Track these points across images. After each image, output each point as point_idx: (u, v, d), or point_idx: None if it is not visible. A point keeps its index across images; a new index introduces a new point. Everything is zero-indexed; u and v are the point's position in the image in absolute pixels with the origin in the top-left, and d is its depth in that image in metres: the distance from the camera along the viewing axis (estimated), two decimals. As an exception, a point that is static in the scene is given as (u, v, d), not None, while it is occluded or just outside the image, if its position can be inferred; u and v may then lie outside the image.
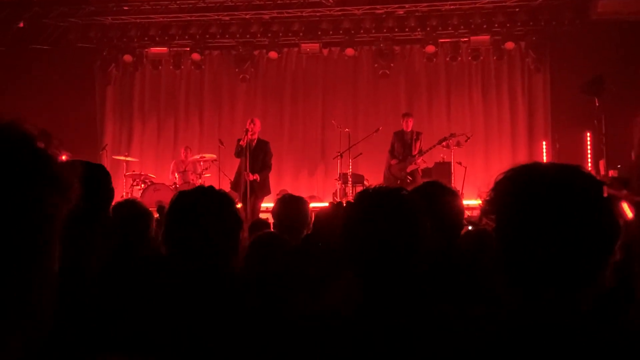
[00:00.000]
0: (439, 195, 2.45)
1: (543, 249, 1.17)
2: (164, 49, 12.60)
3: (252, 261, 3.07)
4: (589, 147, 10.81)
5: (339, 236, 1.78)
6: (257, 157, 9.25)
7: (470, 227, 3.23)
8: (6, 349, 0.68)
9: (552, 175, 1.24)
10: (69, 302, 1.40)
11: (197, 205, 2.00)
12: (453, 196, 2.56)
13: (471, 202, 8.93)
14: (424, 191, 2.36)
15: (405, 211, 1.74)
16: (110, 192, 1.84)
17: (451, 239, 2.39)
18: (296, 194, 4.33)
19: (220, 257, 1.96)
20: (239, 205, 2.15)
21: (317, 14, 11.89)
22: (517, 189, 1.25)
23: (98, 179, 1.81)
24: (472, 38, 11.82)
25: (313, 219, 3.82)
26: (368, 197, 1.79)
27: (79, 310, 1.48)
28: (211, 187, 2.11)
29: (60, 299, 0.78)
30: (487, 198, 1.29)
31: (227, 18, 12.13)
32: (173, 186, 10.32)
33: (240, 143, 9.25)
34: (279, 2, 11.58)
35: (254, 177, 9.04)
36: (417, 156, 10.16)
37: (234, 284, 1.91)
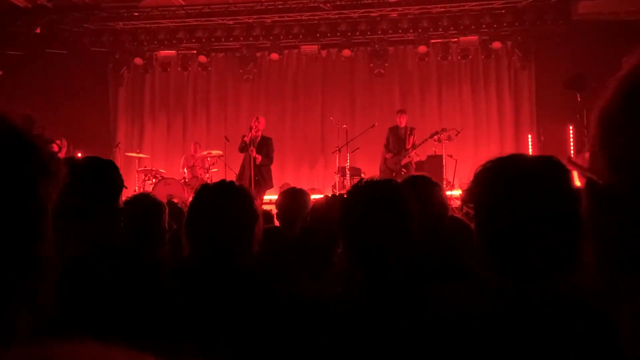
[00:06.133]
0: (424, 186, 2.47)
1: (517, 236, 1.17)
2: (173, 52, 12.63)
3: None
4: (571, 139, 10.81)
5: (336, 225, 1.79)
6: (261, 152, 9.29)
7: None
8: (12, 330, 0.67)
9: (525, 166, 1.24)
10: (79, 289, 1.40)
11: (220, 199, 2.00)
12: (437, 187, 2.59)
13: (461, 193, 8.93)
14: (412, 184, 2.39)
15: (397, 200, 1.75)
16: (118, 184, 1.84)
17: (437, 225, 2.41)
18: (298, 186, 4.33)
19: (238, 249, 1.96)
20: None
21: (316, 17, 11.87)
22: (492, 180, 1.25)
23: (105, 173, 1.81)
24: (462, 38, 11.81)
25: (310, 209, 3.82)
26: (362, 188, 1.80)
27: (89, 296, 1.49)
28: (232, 182, 2.12)
29: (71, 286, 0.78)
30: (467, 188, 1.30)
31: (231, 22, 12.11)
32: (182, 181, 10.32)
33: (244, 139, 9.28)
34: (280, 6, 11.56)
35: (256, 156, 9.07)
36: (410, 150, 10.16)
37: (249, 275, 1.91)
